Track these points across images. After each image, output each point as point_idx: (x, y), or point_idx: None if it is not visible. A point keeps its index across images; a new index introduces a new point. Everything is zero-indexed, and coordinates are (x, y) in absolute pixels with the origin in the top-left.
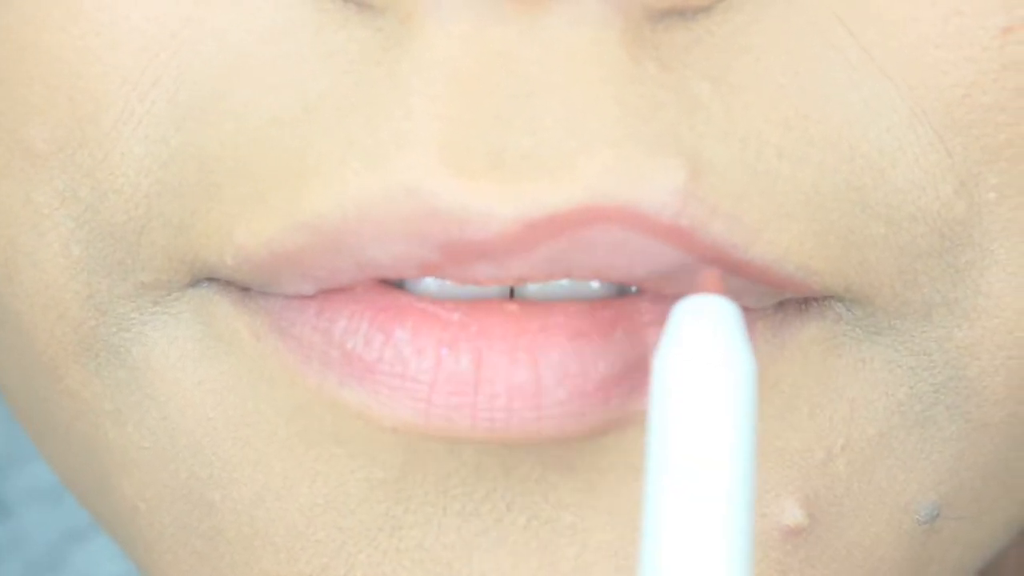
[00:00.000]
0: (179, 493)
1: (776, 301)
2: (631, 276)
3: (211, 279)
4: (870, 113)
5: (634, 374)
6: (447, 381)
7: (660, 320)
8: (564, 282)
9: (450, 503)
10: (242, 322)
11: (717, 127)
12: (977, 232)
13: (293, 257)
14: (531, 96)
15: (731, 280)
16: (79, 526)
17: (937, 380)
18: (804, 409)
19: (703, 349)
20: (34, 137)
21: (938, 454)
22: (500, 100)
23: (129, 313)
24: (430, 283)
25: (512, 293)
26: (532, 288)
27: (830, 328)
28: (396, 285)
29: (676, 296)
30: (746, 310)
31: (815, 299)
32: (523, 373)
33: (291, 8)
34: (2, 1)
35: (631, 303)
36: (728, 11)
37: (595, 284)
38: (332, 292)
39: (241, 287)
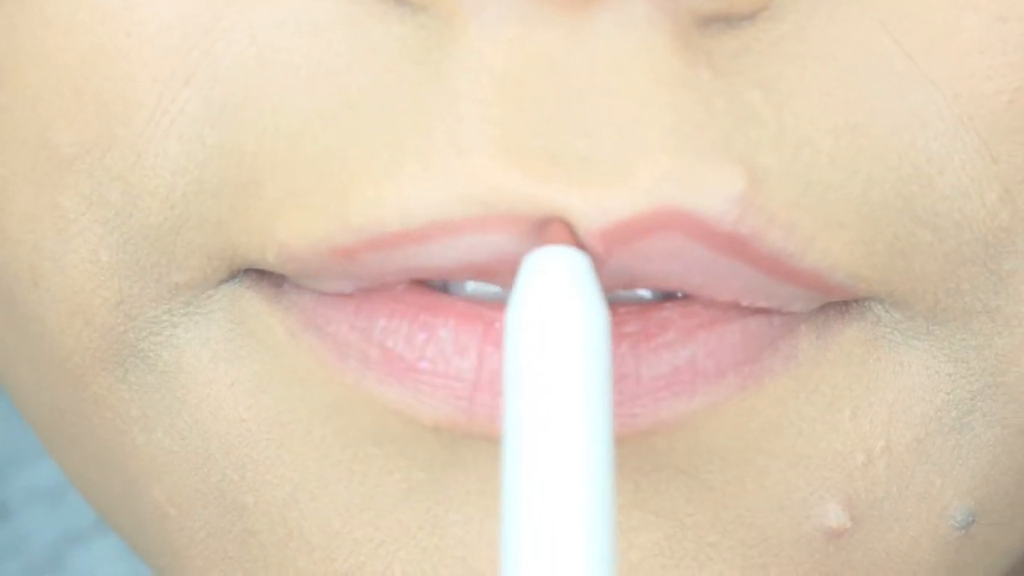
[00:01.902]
0: (211, 497)
1: (820, 305)
2: (685, 284)
3: (246, 271)
4: (917, 121)
5: (685, 376)
6: (491, 380)
7: (711, 323)
8: (612, 297)
9: (492, 503)
10: (276, 319)
11: (770, 135)
12: (1020, 240)
13: (341, 257)
14: (581, 100)
15: (780, 287)
16: (79, 528)
17: (974, 387)
18: (846, 411)
19: (556, 299)
20: (59, 141)
21: (974, 460)
22: (550, 104)
23: (160, 316)
24: (469, 284)
25: None
26: None
27: (870, 329)
28: (434, 287)
29: (729, 304)
30: (791, 314)
31: (855, 300)
32: None
33: (325, 2)
34: (22, 3)
35: (682, 305)
36: (773, 19)
37: (640, 289)
38: (370, 291)
39: (275, 280)
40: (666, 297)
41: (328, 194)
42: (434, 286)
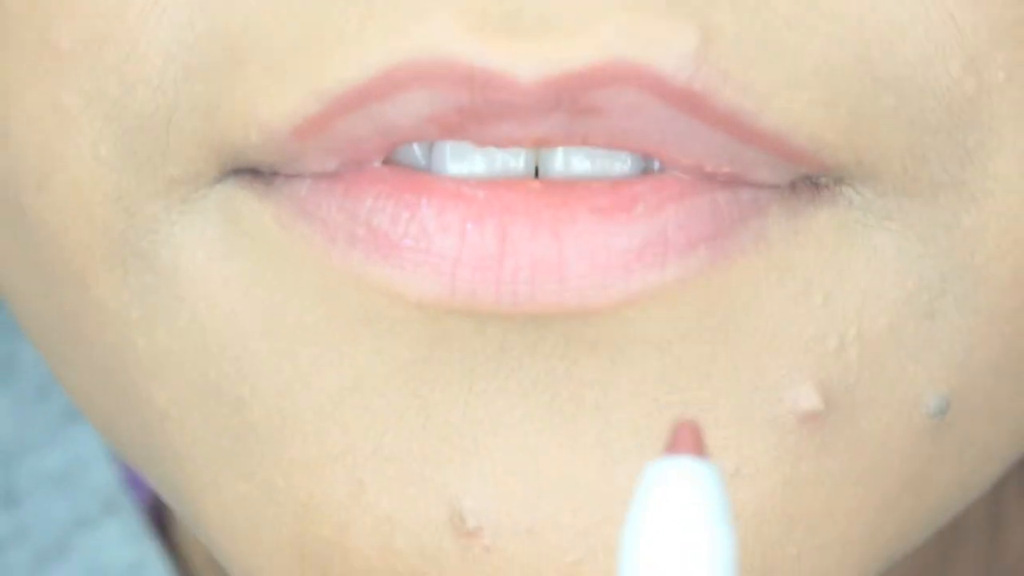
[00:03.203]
0: (208, 393)
1: (789, 178)
2: (645, 143)
3: (238, 171)
4: None
5: (655, 248)
6: (471, 256)
7: (681, 195)
8: (587, 163)
9: (476, 382)
10: (268, 213)
11: None
12: (986, 113)
13: (315, 126)
14: None
15: (743, 150)
16: (88, 514)
17: (944, 268)
18: (818, 297)
19: (679, 525)
20: (60, 38)
21: (947, 346)
22: None
23: (158, 213)
24: (453, 165)
25: (537, 174)
26: (556, 168)
27: (842, 214)
28: (421, 169)
29: (698, 177)
30: (759, 188)
31: (826, 186)
32: (545, 246)
33: None
34: None
35: (653, 179)
36: None
37: (618, 165)
38: (358, 174)
39: (267, 175)
40: (642, 173)
41: (302, 67)
42: (419, 167)
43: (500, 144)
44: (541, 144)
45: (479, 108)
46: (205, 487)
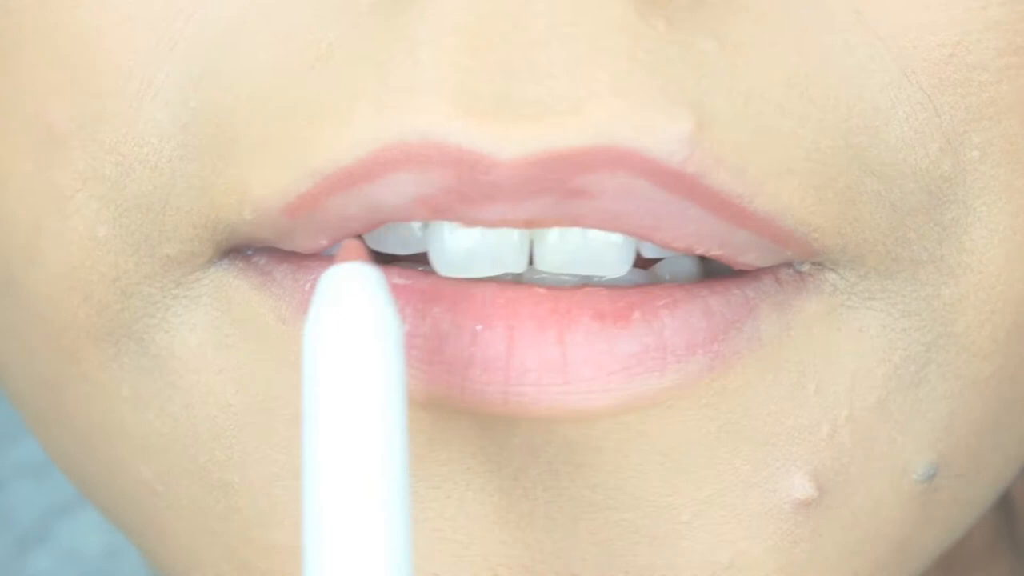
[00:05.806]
0: (196, 474)
1: (775, 262)
2: (637, 225)
3: (232, 254)
4: (864, 73)
5: (654, 354)
6: (482, 357)
7: (674, 304)
8: (585, 270)
9: (473, 479)
10: (267, 306)
11: (722, 82)
12: (961, 190)
13: (306, 204)
14: (538, 47)
15: (734, 233)
16: (65, 500)
17: (927, 339)
18: (811, 387)
19: (353, 313)
20: (55, 116)
21: (933, 413)
22: (507, 50)
23: (153, 295)
24: (462, 265)
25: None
26: (559, 276)
27: (827, 301)
28: (430, 271)
29: (683, 249)
30: (747, 285)
31: (810, 274)
32: (552, 350)
33: None
34: None
35: (646, 289)
36: None
37: (613, 273)
38: None
39: (263, 265)
40: (634, 283)
41: (294, 144)
42: (427, 271)
43: (489, 225)
44: (530, 225)
45: (466, 189)
46: (189, 563)
